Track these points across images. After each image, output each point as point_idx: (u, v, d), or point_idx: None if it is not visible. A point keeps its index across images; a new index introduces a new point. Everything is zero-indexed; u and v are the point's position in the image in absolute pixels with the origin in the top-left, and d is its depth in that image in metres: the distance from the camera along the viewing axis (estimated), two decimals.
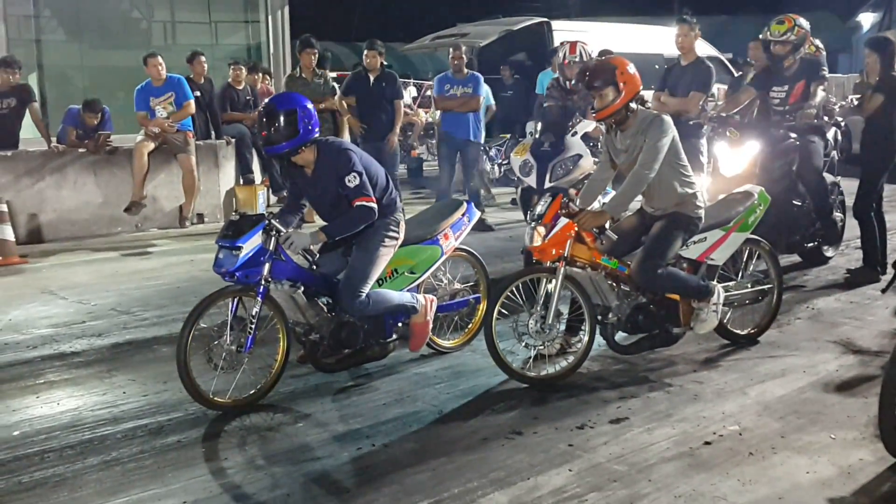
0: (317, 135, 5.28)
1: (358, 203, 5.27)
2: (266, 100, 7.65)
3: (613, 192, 6.14)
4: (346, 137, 11.28)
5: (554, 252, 5.43)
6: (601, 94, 5.41)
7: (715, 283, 5.85)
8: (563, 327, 5.70)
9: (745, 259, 6.32)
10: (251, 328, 5.05)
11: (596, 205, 5.83)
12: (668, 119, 5.47)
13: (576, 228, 5.40)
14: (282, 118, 5.14)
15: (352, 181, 5.24)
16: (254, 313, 5.06)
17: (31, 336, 6.65)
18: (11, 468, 4.42)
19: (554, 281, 5.41)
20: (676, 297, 5.73)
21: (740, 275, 6.26)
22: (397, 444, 4.66)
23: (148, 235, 10.87)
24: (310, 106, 5.28)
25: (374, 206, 5.32)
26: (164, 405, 5.23)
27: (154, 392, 5.45)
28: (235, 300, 5.11)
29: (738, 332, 6.21)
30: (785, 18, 7.87)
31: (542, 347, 5.54)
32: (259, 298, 5.06)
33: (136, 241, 10.52)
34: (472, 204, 6.33)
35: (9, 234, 9.33)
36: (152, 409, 5.19)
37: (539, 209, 5.52)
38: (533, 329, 5.45)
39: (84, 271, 8.88)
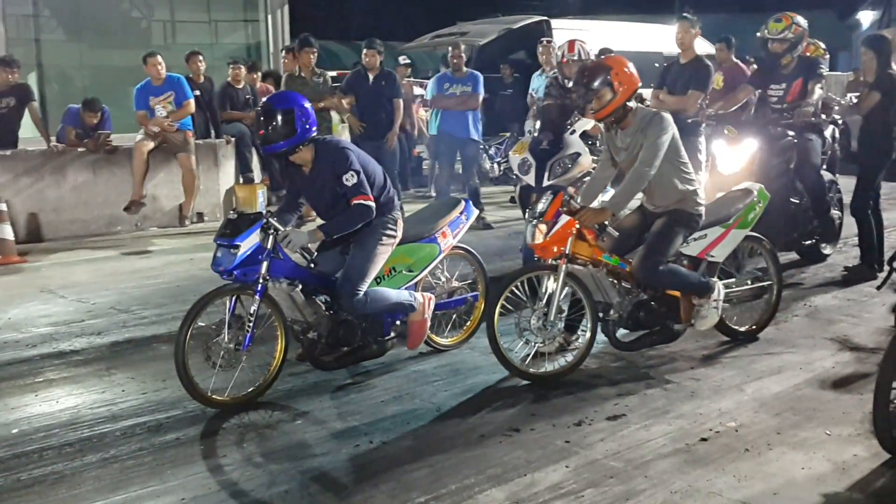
0: (314, 134, 5.30)
1: (355, 202, 5.28)
2: (264, 98, 7.66)
3: (612, 191, 6.15)
4: (347, 136, 11.30)
5: (555, 249, 5.45)
6: (598, 95, 5.42)
7: (715, 279, 5.88)
8: (562, 325, 5.72)
9: (746, 257, 6.35)
10: (249, 326, 5.06)
11: (596, 203, 5.85)
12: (667, 117, 5.49)
13: (577, 226, 5.42)
14: (279, 117, 5.16)
15: (349, 180, 5.26)
16: (252, 311, 5.07)
17: (31, 334, 6.67)
18: (10, 466, 4.44)
19: (556, 278, 5.43)
20: (677, 293, 5.76)
21: (740, 271, 6.28)
22: (395, 441, 4.68)
23: (147, 234, 10.87)
24: (307, 105, 5.29)
25: (372, 204, 5.33)
26: (163, 403, 5.25)
27: (153, 390, 5.46)
28: (233, 298, 5.12)
29: (738, 328, 6.23)
30: (783, 16, 7.89)
31: (542, 345, 5.56)
32: (257, 297, 5.07)
33: (135, 240, 10.53)
34: (471, 202, 6.35)
35: (8, 233, 9.34)
36: (151, 406, 5.21)
37: (540, 206, 5.54)
38: (535, 326, 5.47)
39: (83, 270, 8.90)
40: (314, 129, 5.28)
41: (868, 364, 5.66)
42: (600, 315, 5.62)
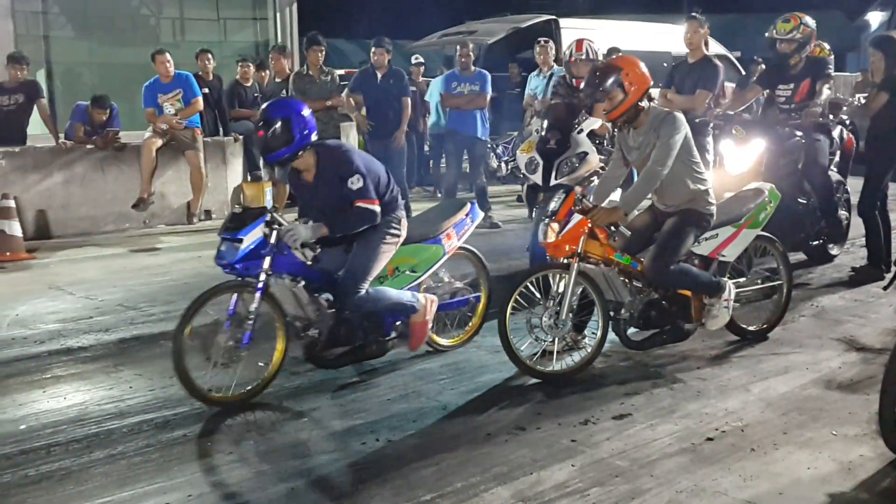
0: (313, 139, 5.28)
1: (359, 204, 5.27)
2: (262, 106, 7.66)
3: (621, 192, 6.15)
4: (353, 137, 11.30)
5: (567, 248, 5.45)
6: (610, 95, 5.42)
7: (726, 279, 5.88)
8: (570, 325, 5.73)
9: (756, 256, 6.35)
10: (249, 324, 5.05)
11: (607, 202, 5.84)
12: (680, 116, 5.48)
13: (589, 225, 5.42)
14: (277, 125, 5.15)
15: (355, 183, 5.24)
16: (252, 309, 5.06)
17: (39, 331, 6.69)
18: (18, 462, 4.45)
19: (567, 277, 5.43)
20: (688, 293, 5.76)
21: (750, 271, 6.28)
22: (400, 439, 4.69)
23: (155, 232, 10.91)
24: (305, 112, 5.26)
25: (377, 209, 5.31)
26: (171, 400, 5.25)
27: (160, 387, 5.47)
28: (234, 295, 5.12)
29: (748, 328, 6.23)
30: (791, 17, 7.87)
31: (550, 343, 5.56)
32: (258, 294, 5.06)
33: (143, 237, 10.57)
34: (476, 204, 6.32)
35: (16, 229, 9.37)
36: (158, 403, 5.22)
37: (553, 205, 5.55)
38: (546, 324, 5.47)
39: (91, 267, 8.93)
40: (313, 134, 5.26)
41: (874, 365, 5.65)
42: (611, 314, 5.62)
